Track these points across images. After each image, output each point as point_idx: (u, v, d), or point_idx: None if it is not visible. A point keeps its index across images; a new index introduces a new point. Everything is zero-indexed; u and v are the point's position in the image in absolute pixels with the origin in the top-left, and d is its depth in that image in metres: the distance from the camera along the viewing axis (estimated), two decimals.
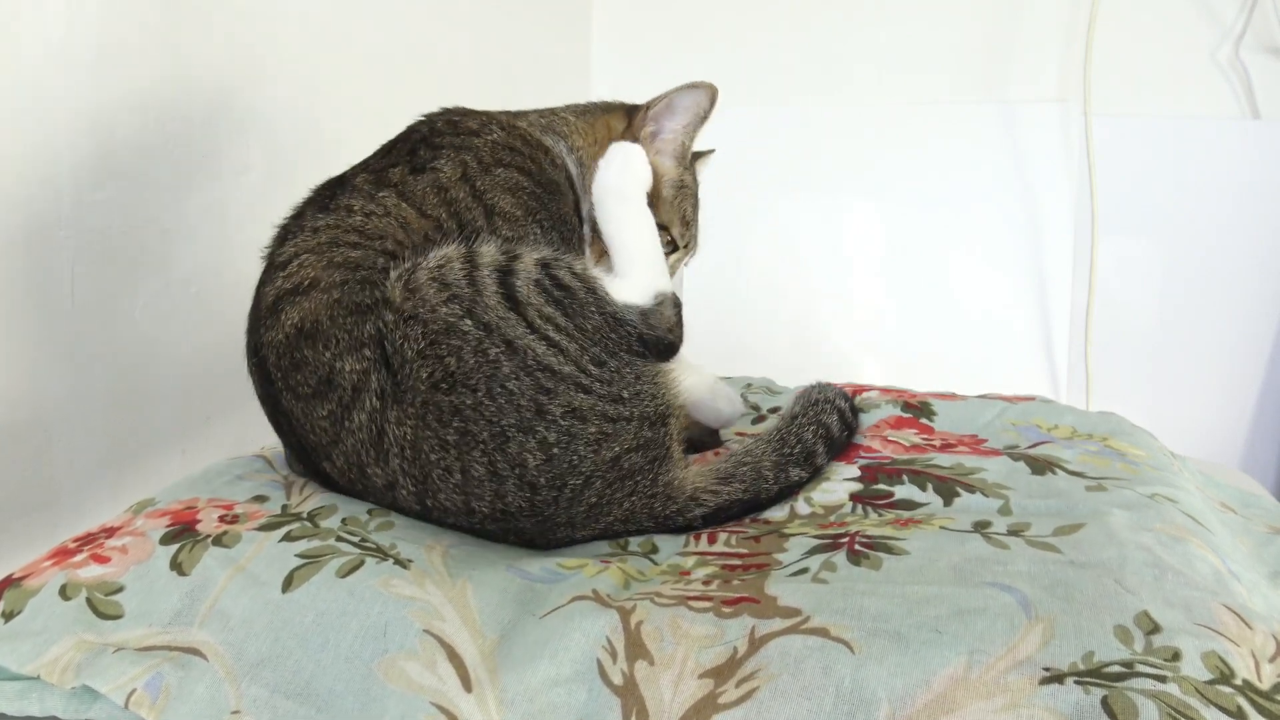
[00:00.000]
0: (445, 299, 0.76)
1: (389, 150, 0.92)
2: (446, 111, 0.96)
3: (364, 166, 0.91)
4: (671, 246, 1.05)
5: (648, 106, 1.03)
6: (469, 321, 0.75)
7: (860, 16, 2.00)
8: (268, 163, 1.25)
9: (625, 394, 0.79)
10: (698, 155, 1.13)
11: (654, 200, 1.01)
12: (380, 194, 0.85)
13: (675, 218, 1.05)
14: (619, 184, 0.97)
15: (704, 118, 1.03)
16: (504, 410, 0.74)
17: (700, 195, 1.11)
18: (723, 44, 2.10)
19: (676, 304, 0.93)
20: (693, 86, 1.00)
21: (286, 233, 0.86)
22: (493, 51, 1.77)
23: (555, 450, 0.74)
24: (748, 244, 1.90)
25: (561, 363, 0.76)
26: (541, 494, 0.74)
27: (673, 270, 1.04)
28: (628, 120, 1.04)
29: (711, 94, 1.01)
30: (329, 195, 0.87)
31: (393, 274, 0.78)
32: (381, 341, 0.76)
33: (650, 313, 0.89)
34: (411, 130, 0.94)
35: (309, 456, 0.80)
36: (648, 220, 0.97)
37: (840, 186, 2.00)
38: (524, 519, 0.75)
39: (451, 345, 0.74)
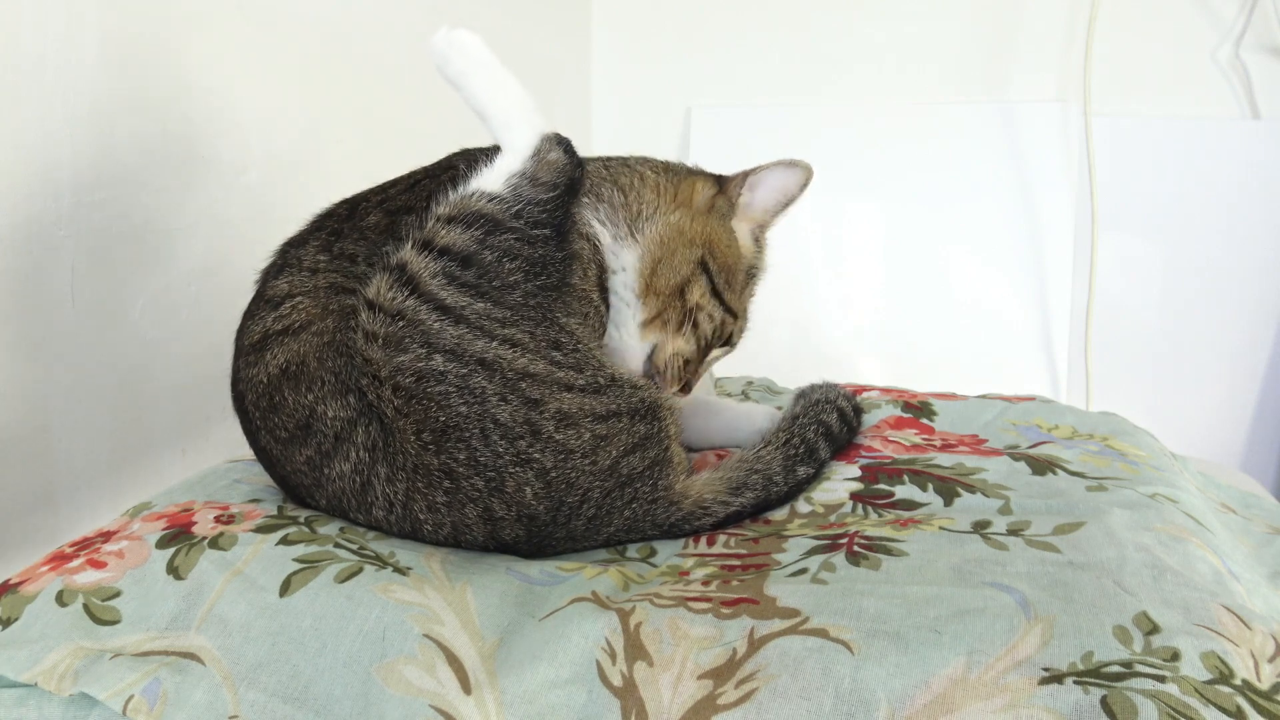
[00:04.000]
0: (395, 345, 0.72)
1: (414, 184, 0.87)
2: (487, 153, 0.85)
3: (381, 200, 0.87)
4: (724, 340, 0.93)
5: (746, 174, 0.93)
6: (438, 357, 0.72)
7: (860, 16, 2.01)
8: (267, 163, 1.25)
9: (600, 379, 0.77)
10: None
11: (732, 282, 0.91)
12: (385, 247, 0.80)
13: (741, 307, 0.94)
14: (443, 45, 0.82)
15: (791, 200, 0.94)
16: (499, 452, 0.71)
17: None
18: (722, 44, 2.10)
19: (560, 141, 0.83)
20: (790, 164, 0.91)
21: (284, 262, 0.83)
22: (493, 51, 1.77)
23: (553, 475, 0.72)
24: None
25: (532, 360, 0.74)
26: (539, 520, 0.73)
27: (704, 371, 0.93)
28: (717, 186, 0.93)
29: (806, 176, 0.92)
30: (335, 232, 0.84)
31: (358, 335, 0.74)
32: (365, 394, 0.74)
33: (538, 171, 0.80)
34: (445, 165, 0.89)
35: (294, 492, 0.79)
36: (492, 62, 0.83)
37: (840, 186, 2.00)
38: (520, 546, 0.74)
39: (436, 393, 0.71)
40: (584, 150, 0.88)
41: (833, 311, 2.03)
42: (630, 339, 0.87)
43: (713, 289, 0.88)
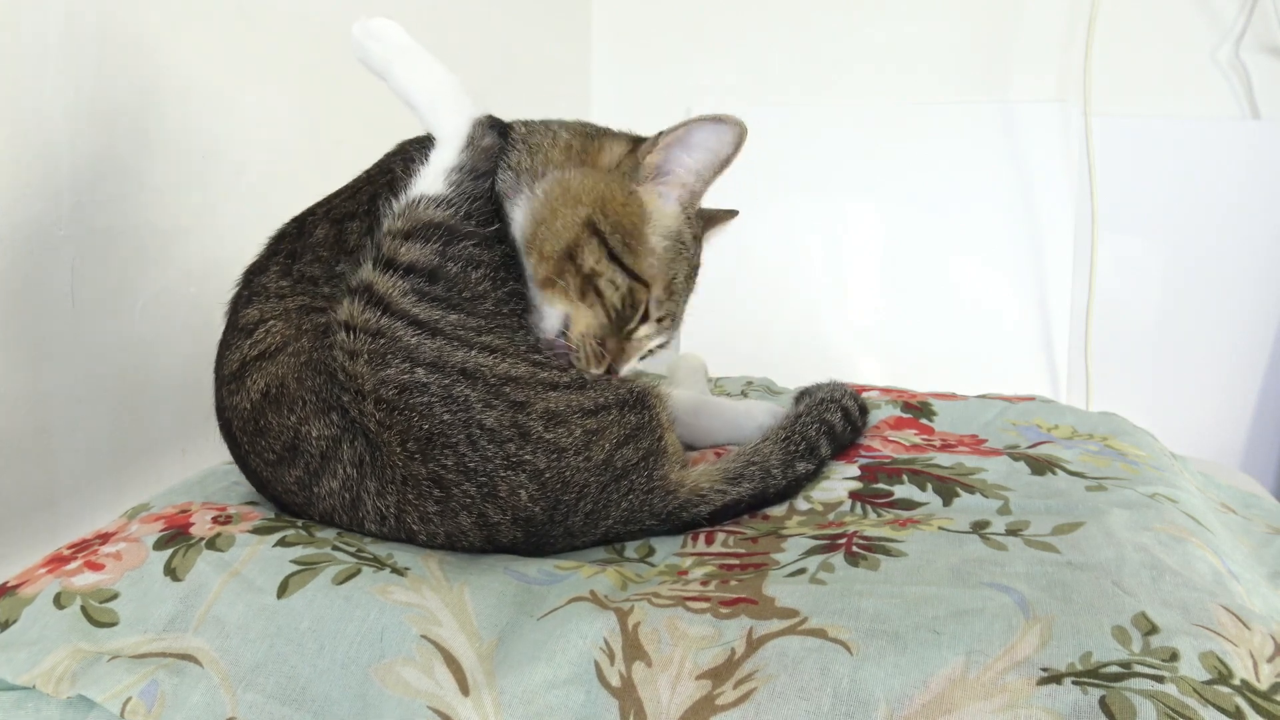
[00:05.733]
0: (379, 360, 0.72)
1: (355, 191, 0.86)
2: (419, 144, 0.85)
3: (326, 210, 0.86)
4: (642, 315, 0.84)
5: (661, 132, 0.84)
6: (420, 370, 0.71)
7: (860, 16, 2.01)
8: (267, 163, 1.25)
9: (585, 376, 0.77)
10: (713, 216, 0.94)
11: (635, 246, 0.82)
12: (339, 266, 0.80)
13: (659, 276, 0.84)
14: (361, 35, 0.82)
15: (724, 162, 0.83)
16: (488, 456, 0.71)
17: (701, 269, 0.91)
18: (722, 44, 2.10)
19: (493, 123, 0.82)
20: (716, 120, 0.80)
21: (251, 291, 0.82)
22: (493, 52, 1.77)
23: (547, 475, 0.72)
24: (747, 244, 1.90)
25: (513, 365, 0.74)
26: (536, 520, 0.73)
27: (633, 351, 0.86)
28: (631, 146, 0.86)
29: (737, 134, 0.81)
30: (291, 254, 0.83)
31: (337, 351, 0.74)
32: (348, 411, 0.73)
33: (475, 162, 0.79)
34: (383, 169, 0.87)
35: (288, 510, 0.79)
36: (413, 48, 0.82)
37: (840, 186, 2.00)
38: (518, 548, 0.74)
39: (418, 404, 0.71)
40: None
41: (833, 311, 2.03)
42: (535, 297, 0.82)
43: (609, 253, 0.81)
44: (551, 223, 0.82)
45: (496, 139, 0.81)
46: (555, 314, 0.82)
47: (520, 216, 0.83)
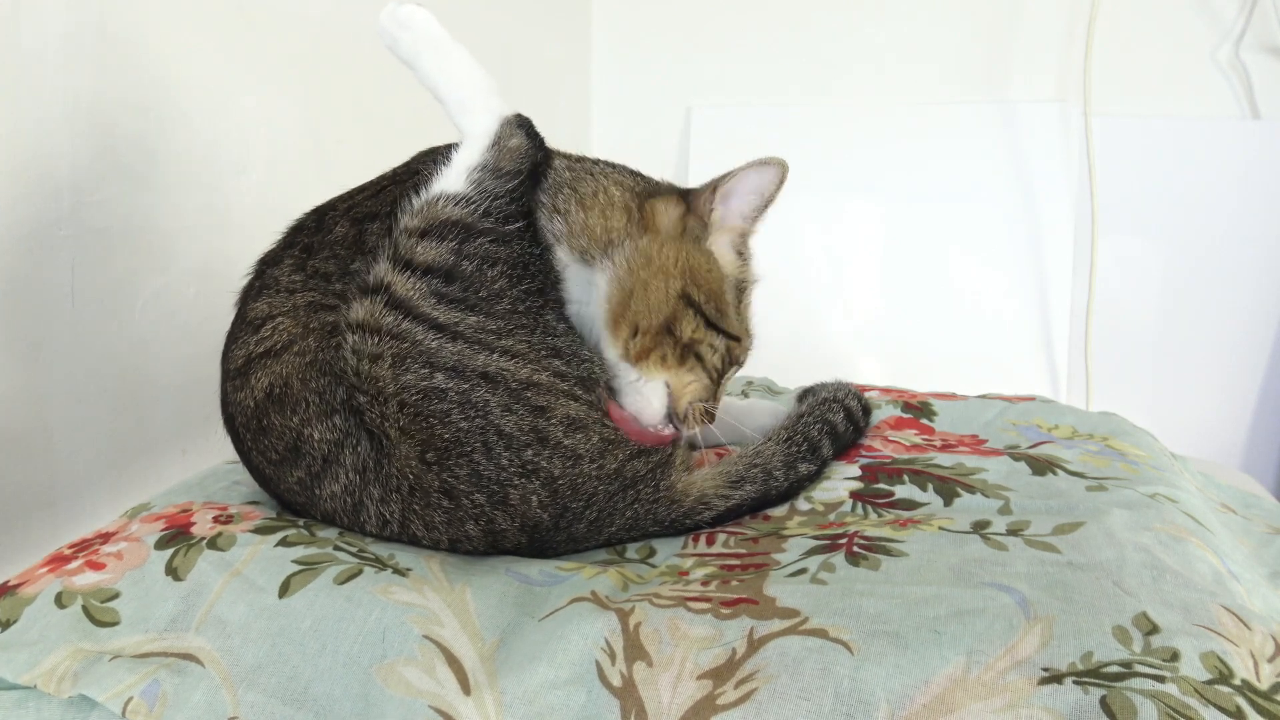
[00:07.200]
0: (400, 364, 0.71)
1: (379, 190, 0.85)
2: (448, 148, 0.83)
3: (348, 208, 0.84)
4: (729, 360, 0.85)
5: (715, 186, 0.84)
6: (440, 375, 0.71)
7: (860, 16, 2.01)
8: (268, 163, 1.25)
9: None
10: None
11: (723, 308, 0.83)
12: (354, 265, 0.79)
13: (743, 329, 0.86)
14: (391, 23, 0.80)
15: (770, 201, 0.85)
16: (503, 465, 0.71)
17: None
18: (722, 44, 2.10)
19: (521, 122, 0.80)
20: (762, 164, 0.83)
21: (262, 283, 0.82)
22: (493, 51, 1.77)
23: (560, 482, 0.72)
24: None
25: (534, 371, 0.73)
26: (543, 526, 0.73)
27: (723, 394, 0.86)
28: (684, 205, 0.84)
29: (780, 173, 0.84)
30: (307, 248, 0.83)
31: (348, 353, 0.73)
32: (361, 414, 0.72)
33: (499, 161, 0.77)
34: (410, 170, 0.86)
35: (291, 508, 0.79)
36: (445, 40, 0.81)
37: (839, 186, 2.00)
38: (520, 552, 0.74)
39: (438, 410, 0.70)
40: (583, 150, 0.87)
41: (833, 311, 2.03)
42: (622, 370, 0.80)
43: (706, 321, 0.82)
44: (643, 297, 0.80)
45: (525, 140, 0.80)
46: (658, 387, 0.80)
47: (601, 281, 0.81)
